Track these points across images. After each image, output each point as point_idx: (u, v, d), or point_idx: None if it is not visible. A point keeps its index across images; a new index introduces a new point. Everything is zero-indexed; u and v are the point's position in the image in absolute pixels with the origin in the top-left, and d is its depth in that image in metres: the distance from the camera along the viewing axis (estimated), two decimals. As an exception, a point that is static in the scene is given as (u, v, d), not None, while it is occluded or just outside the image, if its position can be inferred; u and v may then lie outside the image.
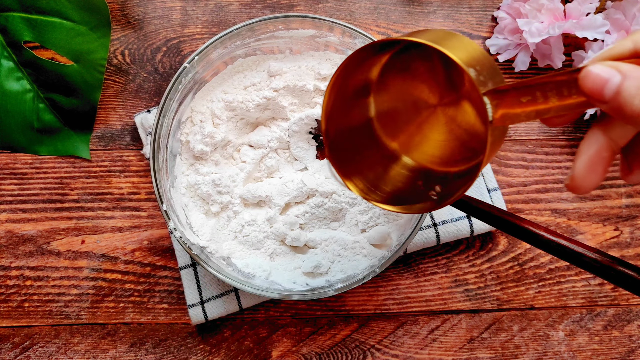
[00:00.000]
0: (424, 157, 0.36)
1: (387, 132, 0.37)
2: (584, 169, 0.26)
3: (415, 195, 0.35)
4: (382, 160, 0.37)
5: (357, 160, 0.36)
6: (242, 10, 0.56)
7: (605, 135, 0.26)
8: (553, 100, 0.24)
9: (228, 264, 0.47)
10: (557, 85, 0.24)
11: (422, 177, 0.36)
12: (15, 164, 0.54)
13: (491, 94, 0.26)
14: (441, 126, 0.34)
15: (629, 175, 0.28)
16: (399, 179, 0.37)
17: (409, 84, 0.34)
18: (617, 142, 0.26)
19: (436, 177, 0.35)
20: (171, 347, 0.52)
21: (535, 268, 0.53)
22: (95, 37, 0.51)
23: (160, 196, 0.44)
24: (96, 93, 0.52)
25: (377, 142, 0.37)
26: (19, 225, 0.53)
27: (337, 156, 0.35)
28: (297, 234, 0.48)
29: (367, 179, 0.36)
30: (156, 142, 0.44)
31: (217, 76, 0.49)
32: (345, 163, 0.36)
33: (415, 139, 0.36)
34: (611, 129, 0.26)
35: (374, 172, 0.37)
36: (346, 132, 0.36)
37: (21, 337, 0.52)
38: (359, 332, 0.52)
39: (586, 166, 0.26)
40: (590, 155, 0.26)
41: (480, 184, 0.51)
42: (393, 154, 0.37)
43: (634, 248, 0.53)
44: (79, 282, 0.52)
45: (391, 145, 0.37)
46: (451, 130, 0.34)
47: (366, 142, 0.37)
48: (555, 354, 0.52)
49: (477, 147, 0.33)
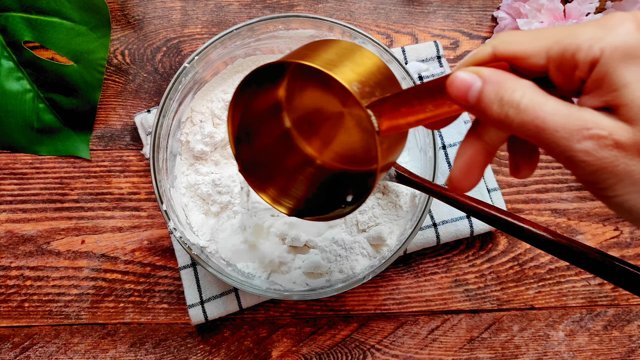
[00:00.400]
0: (334, 157, 0.37)
1: (304, 139, 0.38)
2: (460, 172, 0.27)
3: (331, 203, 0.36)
4: (297, 165, 0.38)
5: (272, 170, 0.38)
6: (242, 10, 0.56)
7: (480, 140, 0.27)
8: (430, 107, 0.25)
9: (228, 264, 0.47)
10: (431, 93, 0.25)
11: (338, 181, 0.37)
12: (15, 164, 0.54)
13: (374, 106, 0.27)
14: (350, 128, 0.35)
15: (517, 173, 0.29)
16: (310, 181, 0.38)
17: (315, 92, 0.35)
18: (492, 144, 0.27)
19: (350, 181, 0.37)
20: (171, 347, 0.52)
21: (535, 268, 0.53)
22: (95, 37, 0.51)
23: (160, 196, 0.44)
24: (96, 93, 0.52)
25: (295, 151, 0.38)
26: (19, 225, 0.53)
27: (252, 171, 0.37)
28: (297, 234, 0.48)
29: (283, 189, 0.37)
30: (156, 142, 0.44)
31: (217, 76, 0.49)
32: (262, 176, 0.37)
33: (329, 142, 0.37)
34: (485, 133, 0.27)
35: (291, 182, 0.38)
36: (263, 148, 0.37)
37: (21, 337, 0.52)
38: (359, 332, 0.52)
39: (462, 169, 0.27)
40: (465, 160, 0.27)
41: (480, 184, 0.51)
42: (308, 158, 0.38)
43: (634, 248, 0.53)
44: (79, 282, 0.52)
45: (308, 151, 0.38)
46: (359, 132, 0.35)
47: (284, 154, 0.38)
48: (555, 354, 0.52)
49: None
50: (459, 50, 0.55)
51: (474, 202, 0.37)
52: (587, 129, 0.21)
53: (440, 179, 0.52)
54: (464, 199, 0.38)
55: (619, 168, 0.21)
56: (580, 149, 0.21)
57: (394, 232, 0.47)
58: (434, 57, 0.53)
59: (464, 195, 0.39)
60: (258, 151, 0.37)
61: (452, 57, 0.55)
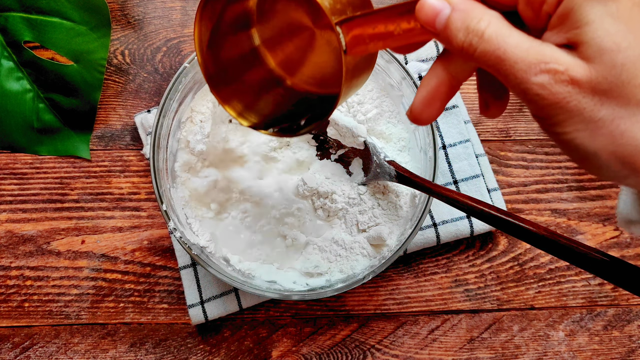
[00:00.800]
0: (303, 78, 0.37)
1: (272, 56, 0.37)
2: (421, 102, 0.27)
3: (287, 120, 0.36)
4: (266, 84, 0.38)
5: (240, 86, 0.37)
6: (242, 10, 0.56)
7: (445, 70, 0.27)
8: (398, 30, 0.25)
9: (228, 264, 0.47)
10: (399, 15, 0.25)
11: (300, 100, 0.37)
12: (15, 164, 0.54)
13: (342, 23, 0.26)
14: (320, 48, 0.35)
15: (486, 112, 0.29)
16: (278, 101, 0.37)
17: (286, 8, 0.35)
18: (457, 77, 0.27)
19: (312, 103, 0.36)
20: (171, 347, 0.52)
21: (535, 268, 0.53)
22: (95, 37, 0.51)
23: (160, 196, 0.44)
24: (96, 93, 0.52)
25: (263, 67, 0.38)
26: (19, 225, 0.53)
27: (218, 84, 0.36)
28: (297, 234, 0.48)
29: (247, 103, 0.37)
30: (156, 142, 0.44)
31: (217, 76, 0.49)
32: (227, 89, 0.37)
33: (299, 63, 0.37)
34: (451, 64, 0.27)
35: (256, 96, 0.37)
36: (229, 61, 0.36)
37: (21, 337, 0.52)
38: (359, 332, 0.52)
39: (424, 99, 0.27)
40: (428, 90, 0.27)
41: (480, 184, 0.51)
42: (277, 77, 0.38)
43: (634, 248, 0.53)
44: (79, 282, 0.52)
45: (275, 68, 0.38)
46: (329, 52, 0.35)
47: (253, 70, 0.38)
48: (555, 354, 0.52)
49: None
50: (459, 50, 0.55)
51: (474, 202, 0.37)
52: (545, 62, 0.22)
53: (440, 179, 0.52)
54: (464, 199, 0.38)
55: (571, 104, 0.22)
56: (536, 81, 0.22)
57: (394, 232, 0.47)
58: (434, 57, 0.53)
59: (464, 195, 0.39)
60: (226, 64, 0.36)
61: (452, 57, 0.55)
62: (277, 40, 0.37)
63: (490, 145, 0.54)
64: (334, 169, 0.49)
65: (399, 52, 0.29)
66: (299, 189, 0.48)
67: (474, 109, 0.55)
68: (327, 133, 0.48)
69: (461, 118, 0.52)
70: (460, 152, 0.52)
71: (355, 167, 0.49)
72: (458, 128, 0.52)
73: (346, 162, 0.49)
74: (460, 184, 0.52)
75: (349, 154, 0.49)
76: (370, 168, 0.47)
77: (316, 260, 0.47)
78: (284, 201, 0.48)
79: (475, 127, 0.54)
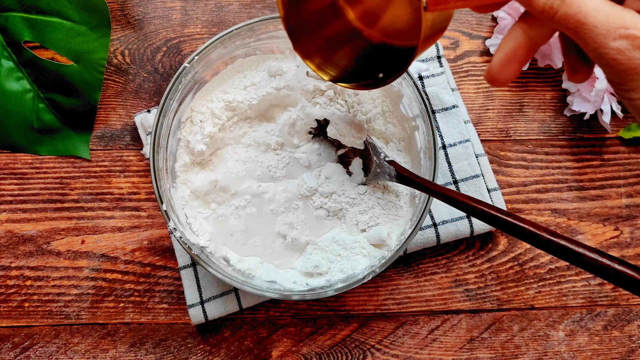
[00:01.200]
0: (380, 30, 0.38)
1: (352, 9, 0.38)
2: (499, 64, 0.28)
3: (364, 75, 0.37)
4: (344, 36, 0.39)
5: (319, 40, 0.39)
6: (242, 10, 0.56)
7: (524, 33, 0.27)
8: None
9: (228, 264, 0.47)
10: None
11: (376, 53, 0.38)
12: (15, 164, 0.54)
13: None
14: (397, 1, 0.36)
15: (574, 76, 0.29)
16: (355, 53, 0.39)
17: None
18: (535, 41, 0.27)
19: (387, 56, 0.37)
20: (171, 347, 0.52)
21: (535, 268, 0.53)
22: (95, 37, 0.51)
23: (160, 196, 0.44)
24: (96, 93, 0.52)
25: (341, 20, 0.39)
26: (19, 225, 0.53)
27: (299, 39, 0.38)
28: (297, 234, 0.48)
29: (326, 56, 0.39)
30: (156, 142, 0.44)
31: (217, 76, 0.49)
32: (307, 43, 0.39)
33: (375, 13, 0.38)
34: (530, 27, 0.27)
35: (335, 49, 0.39)
36: (309, 16, 0.38)
37: (21, 337, 0.52)
38: (359, 332, 0.52)
39: (502, 61, 0.28)
40: (506, 52, 0.28)
41: (480, 184, 0.51)
42: (355, 29, 0.39)
43: (634, 248, 0.53)
44: (79, 282, 0.52)
45: (354, 20, 0.39)
46: (405, 5, 0.35)
47: (332, 24, 0.39)
48: (555, 354, 0.52)
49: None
50: (459, 50, 0.55)
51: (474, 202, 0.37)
52: (625, 28, 0.22)
53: (440, 179, 0.52)
54: (464, 199, 0.38)
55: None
56: (614, 46, 0.22)
57: (394, 232, 0.47)
58: (434, 57, 0.53)
59: (464, 195, 0.39)
60: (306, 19, 0.38)
61: (452, 57, 0.55)
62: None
63: (490, 145, 0.54)
64: (334, 169, 0.49)
65: (478, 11, 0.30)
66: (299, 188, 0.48)
67: (474, 109, 0.55)
68: (327, 133, 0.48)
69: (461, 118, 0.52)
70: (460, 152, 0.52)
71: (355, 167, 0.49)
72: (458, 128, 0.52)
73: (346, 162, 0.49)
74: (460, 184, 0.52)
75: (349, 154, 0.49)
76: (370, 168, 0.47)
77: (316, 260, 0.47)
78: (285, 201, 0.48)
79: (475, 127, 0.54)
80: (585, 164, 0.54)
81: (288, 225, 0.48)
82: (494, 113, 0.55)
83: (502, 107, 0.55)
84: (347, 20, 0.39)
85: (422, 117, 0.45)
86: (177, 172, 0.48)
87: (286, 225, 0.48)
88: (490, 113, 0.55)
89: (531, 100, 0.55)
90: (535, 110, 0.55)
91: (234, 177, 0.49)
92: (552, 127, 0.54)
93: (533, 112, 0.55)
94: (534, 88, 0.55)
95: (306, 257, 0.48)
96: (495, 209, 0.36)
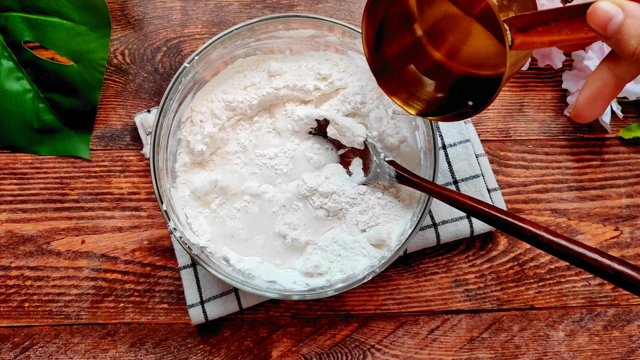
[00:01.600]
0: (464, 62, 0.39)
1: (433, 45, 0.40)
2: (585, 101, 0.28)
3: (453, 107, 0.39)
4: (427, 71, 0.40)
5: (403, 77, 0.40)
6: (242, 10, 0.56)
7: (610, 72, 0.27)
8: (566, 31, 0.26)
9: (228, 264, 0.47)
10: (569, 17, 0.26)
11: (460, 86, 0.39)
12: (15, 164, 0.54)
13: (510, 20, 0.28)
14: (479, 34, 0.37)
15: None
16: (439, 86, 0.40)
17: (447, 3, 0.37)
18: (622, 79, 0.27)
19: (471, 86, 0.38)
20: (171, 347, 0.52)
21: (535, 268, 0.53)
22: (95, 37, 0.51)
23: (160, 196, 0.44)
24: (96, 93, 0.52)
25: (424, 56, 0.40)
26: (19, 225, 0.53)
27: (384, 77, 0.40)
28: (297, 234, 0.48)
29: (410, 91, 0.40)
30: (156, 142, 0.44)
31: (217, 76, 0.49)
32: (392, 81, 0.40)
33: (458, 47, 0.39)
34: (617, 67, 0.27)
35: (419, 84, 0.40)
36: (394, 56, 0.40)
37: (21, 337, 0.52)
38: (359, 332, 0.52)
39: (588, 99, 0.28)
40: (592, 90, 0.28)
41: (480, 184, 0.51)
42: (439, 65, 0.40)
43: (634, 248, 0.53)
44: (79, 282, 0.52)
45: (437, 56, 0.40)
46: (487, 37, 0.36)
47: (414, 60, 0.40)
48: (555, 354, 0.52)
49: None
50: (459, 50, 0.55)
51: (474, 202, 0.37)
52: None
53: (440, 179, 0.52)
54: (464, 199, 0.38)
55: None
56: None
57: (394, 232, 0.47)
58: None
59: (464, 195, 0.39)
60: (390, 58, 0.39)
61: (452, 57, 0.55)
62: (436, 30, 0.39)
63: (490, 145, 0.54)
64: (334, 169, 0.49)
65: (563, 50, 0.30)
66: (299, 188, 0.48)
67: (474, 109, 0.55)
68: (327, 133, 0.48)
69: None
70: (460, 152, 0.52)
71: (355, 167, 0.49)
72: (458, 128, 0.52)
73: (346, 162, 0.49)
74: (460, 184, 0.52)
75: (349, 154, 0.49)
76: (370, 168, 0.47)
77: (316, 260, 0.47)
78: (285, 201, 0.48)
79: (475, 127, 0.54)
80: (585, 164, 0.54)
81: (288, 225, 0.48)
82: (494, 113, 0.55)
83: (502, 107, 0.55)
84: (429, 55, 0.40)
85: (422, 117, 0.45)
86: (177, 172, 0.48)
87: (286, 225, 0.48)
88: (490, 113, 0.55)
89: (531, 100, 0.55)
90: (535, 110, 0.55)
91: (234, 177, 0.49)
92: (552, 127, 0.54)
93: (533, 112, 0.55)
94: (534, 88, 0.55)
95: (306, 257, 0.48)
96: (495, 209, 0.36)
